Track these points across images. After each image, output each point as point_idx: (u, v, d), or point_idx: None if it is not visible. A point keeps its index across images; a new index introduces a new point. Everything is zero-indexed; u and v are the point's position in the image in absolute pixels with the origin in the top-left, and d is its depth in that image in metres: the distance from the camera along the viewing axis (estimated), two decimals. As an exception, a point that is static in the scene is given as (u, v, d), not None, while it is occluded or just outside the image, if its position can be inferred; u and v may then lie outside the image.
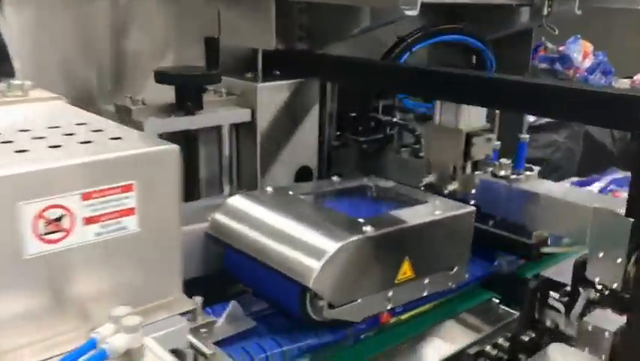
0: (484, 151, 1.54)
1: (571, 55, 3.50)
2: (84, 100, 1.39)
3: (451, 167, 1.53)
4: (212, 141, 1.53)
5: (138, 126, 1.34)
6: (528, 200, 1.43)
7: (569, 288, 1.22)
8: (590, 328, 1.12)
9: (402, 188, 1.44)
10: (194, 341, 0.91)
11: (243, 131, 1.57)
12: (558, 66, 3.51)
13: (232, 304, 1.17)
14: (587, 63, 3.53)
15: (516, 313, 1.36)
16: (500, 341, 1.30)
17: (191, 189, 1.48)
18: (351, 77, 1.55)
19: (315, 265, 1.05)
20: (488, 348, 1.29)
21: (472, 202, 1.47)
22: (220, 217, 1.27)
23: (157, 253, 0.89)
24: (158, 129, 1.37)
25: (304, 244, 1.10)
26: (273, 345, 1.10)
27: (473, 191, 1.51)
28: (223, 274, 1.27)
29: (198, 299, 0.97)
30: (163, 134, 1.40)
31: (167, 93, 1.43)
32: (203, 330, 0.99)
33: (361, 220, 1.16)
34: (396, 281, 1.18)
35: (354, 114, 1.76)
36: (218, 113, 1.48)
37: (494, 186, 1.48)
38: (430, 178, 1.57)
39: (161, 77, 1.38)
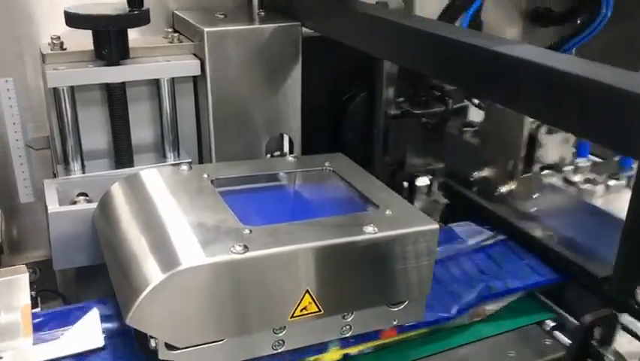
0: (559, 154, 1.20)
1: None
2: None
3: (509, 162, 1.21)
4: (152, 98, 1.24)
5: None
6: (594, 219, 1.09)
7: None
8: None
9: (363, 180, 1.06)
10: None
11: (200, 88, 1.26)
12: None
13: (91, 313, 0.93)
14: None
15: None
16: None
17: (122, 156, 1.23)
18: (336, 27, 1.15)
19: (135, 297, 0.75)
20: None
21: (533, 210, 1.18)
22: (103, 202, 1.01)
23: None
24: (65, 82, 1.12)
25: (140, 265, 0.80)
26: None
27: (536, 196, 1.19)
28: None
29: None
30: (78, 88, 1.16)
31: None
32: None
33: (247, 231, 0.84)
34: (290, 319, 0.86)
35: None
36: (150, 64, 1.18)
37: (558, 194, 1.15)
38: (483, 172, 1.27)
39: (72, 19, 1.10)
